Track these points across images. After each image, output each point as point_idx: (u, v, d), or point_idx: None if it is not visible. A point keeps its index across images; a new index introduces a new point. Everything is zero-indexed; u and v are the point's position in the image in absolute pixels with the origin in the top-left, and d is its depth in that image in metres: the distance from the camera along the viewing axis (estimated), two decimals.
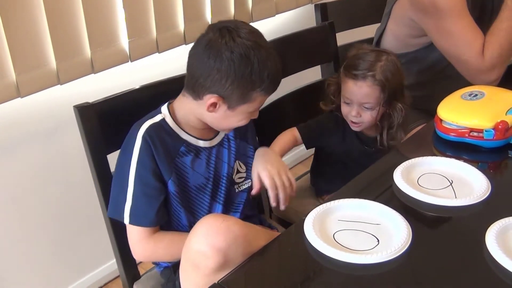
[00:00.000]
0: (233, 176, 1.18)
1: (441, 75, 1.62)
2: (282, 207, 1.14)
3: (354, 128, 1.37)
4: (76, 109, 1.11)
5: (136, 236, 1.10)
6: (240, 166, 1.20)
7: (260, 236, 0.99)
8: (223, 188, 1.16)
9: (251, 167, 1.21)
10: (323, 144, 1.43)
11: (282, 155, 1.33)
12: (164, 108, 1.12)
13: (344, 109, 1.36)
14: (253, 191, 1.16)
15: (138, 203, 1.07)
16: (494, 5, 1.55)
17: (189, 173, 1.11)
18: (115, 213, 1.09)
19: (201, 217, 1.11)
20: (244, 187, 1.20)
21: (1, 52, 1.37)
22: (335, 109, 1.41)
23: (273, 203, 1.13)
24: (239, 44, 1.01)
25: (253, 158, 1.23)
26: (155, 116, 1.11)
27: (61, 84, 1.51)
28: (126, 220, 1.08)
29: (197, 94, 1.07)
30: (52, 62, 1.47)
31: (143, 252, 1.12)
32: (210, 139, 1.15)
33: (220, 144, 1.16)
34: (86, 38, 1.52)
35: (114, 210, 1.10)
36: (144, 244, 1.10)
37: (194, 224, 1.11)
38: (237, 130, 1.19)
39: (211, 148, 1.14)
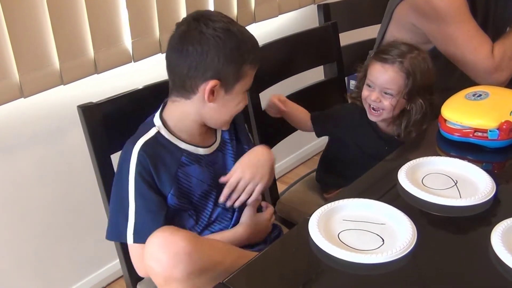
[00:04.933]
0: None
1: (441, 86, 1.61)
2: (222, 199, 1.12)
3: (372, 117, 1.38)
4: (80, 109, 1.11)
5: (138, 255, 1.07)
6: None
7: (217, 254, 0.98)
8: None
9: None
10: (335, 133, 1.44)
11: (290, 113, 1.43)
12: (157, 120, 1.10)
13: (365, 92, 1.37)
14: (221, 179, 1.14)
15: (142, 220, 1.05)
16: (496, 10, 1.55)
17: (193, 182, 1.09)
18: (115, 235, 1.08)
19: (203, 222, 1.12)
20: None
21: (5, 52, 1.37)
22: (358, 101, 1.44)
23: (221, 198, 1.12)
24: (217, 21, 1.02)
25: None
26: (149, 130, 1.08)
27: (64, 85, 1.51)
28: (130, 239, 1.05)
29: (191, 89, 1.05)
30: (56, 63, 1.47)
31: (145, 269, 1.09)
32: (210, 146, 1.14)
33: (219, 149, 1.15)
34: (89, 38, 1.52)
35: (114, 232, 1.08)
36: None
37: (195, 228, 1.12)
38: (232, 131, 1.19)
39: (211, 154, 1.13)
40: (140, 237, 1.05)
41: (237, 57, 1.03)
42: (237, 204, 1.12)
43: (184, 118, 1.09)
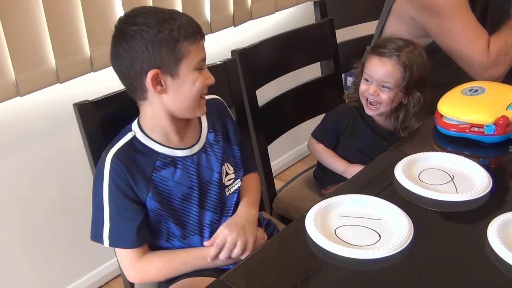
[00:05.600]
0: (223, 180, 1.16)
1: (438, 81, 1.61)
2: (209, 259, 1.08)
3: (370, 111, 1.38)
4: (76, 107, 1.11)
5: (126, 260, 1.09)
6: (228, 168, 1.18)
7: None
8: (212, 194, 1.14)
9: (238, 168, 1.21)
10: (339, 136, 1.45)
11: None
12: (134, 125, 1.10)
13: (362, 86, 1.38)
14: (206, 243, 1.11)
15: (116, 226, 1.05)
16: (495, 4, 1.55)
17: (170, 185, 1.08)
18: (96, 237, 1.08)
19: (190, 228, 1.11)
20: (234, 188, 1.18)
21: (0, 50, 1.36)
22: (356, 100, 1.43)
23: (208, 259, 1.08)
24: (136, 15, 1.01)
25: (239, 158, 1.21)
26: (125, 135, 1.08)
27: (60, 83, 1.50)
28: (106, 243, 1.06)
29: (140, 89, 1.04)
30: (52, 61, 1.47)
31: (135, 275, 1.10)
32: (190, 147, 1.12)
33: (202, 151, 1.14)
34: (85, 36, 1.52)
35: (95, 234, 1.08)
36: (135, 267, 1.09)
37: (185, 235, 1.11)
38: (218, 133, 1.17)
39: (192, 156, 1.12)
40: (115, 242, 1.07)
41: (166, 38, 0.99)
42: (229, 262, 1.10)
43: (154, 118, 1.08)
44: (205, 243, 1.11)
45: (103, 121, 1.14)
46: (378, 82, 1.34)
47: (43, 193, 1.65)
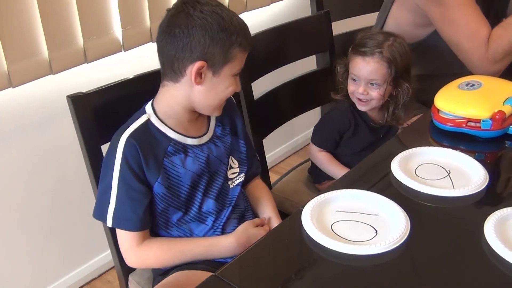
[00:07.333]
0: (227, 172, 1.17)
1: (439, 72, 1.60)
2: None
3: (361, 107, 1.38)
4: (70, 99, 1.09)
5: (126, 243, 1.09)
6: (233, 161, 1.20)
7: None
8: (217, 184, 1.15)
9: (243, 162, 1.22)
10: (340, 137, 1.45)
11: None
12: (148, 107, 1.10)
13: (351, 87, 1.37)
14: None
15: (121, 206, 1.06)
16: None
17: (180, 172, 1.09)
18: (99, 215, 1.08)
19: (192, 214, 1.12)
20: (237, 181, 1.19)
21: None
22: (345, 98, 1.42)
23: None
24: (205, 4, 1.03)
25: (244, 153, 1.23)
26: (140, 117, 1.09)
27: (53, 74, 1.49)
28: (109, 222, 1.06)
29: (179, 71, 1.05)
30: (44, 52, 1.45)
31: (134, 259, 1.11)
32: (200, 137, 1.13)
33: (211, 141, 1.15)
34: (78, 27, 1.50)
35: (98, 212, 1.09)
36: (134, 251, 1.09)
37: (183, 220, 1.12)
38: (225, 127, 1.19)
39: (201, 145, 1.13)
40: (119, 223, 1.07)
41: (224, 39, 1.03)
42: None
43: (173, 102, 1.09)
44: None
45: (97, 113, 1.13)
46: (366, 81, 1.34)
47: (36, 185, 1.64)
